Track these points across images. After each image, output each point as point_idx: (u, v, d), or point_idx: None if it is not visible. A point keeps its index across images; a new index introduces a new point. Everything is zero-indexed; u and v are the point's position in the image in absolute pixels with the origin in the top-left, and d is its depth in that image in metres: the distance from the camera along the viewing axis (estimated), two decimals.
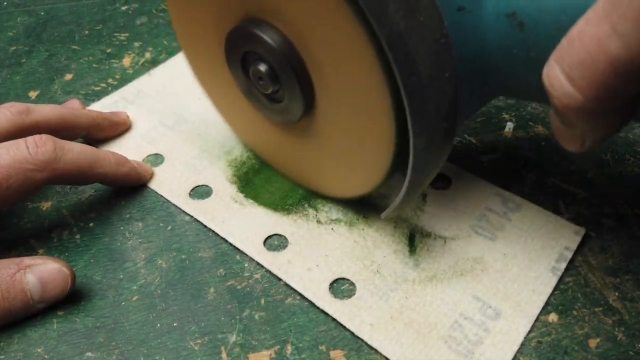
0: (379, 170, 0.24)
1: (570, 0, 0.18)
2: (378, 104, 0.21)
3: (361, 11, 0.19)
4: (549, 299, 0.25)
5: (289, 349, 0.24)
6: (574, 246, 0.27)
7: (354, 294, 0.25)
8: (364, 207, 0.29)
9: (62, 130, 0.30)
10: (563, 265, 0.26)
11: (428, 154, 0.21)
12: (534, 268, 0.26)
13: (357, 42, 0.20)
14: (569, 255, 0.26)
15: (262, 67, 0.24)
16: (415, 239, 0.28)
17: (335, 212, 0.29)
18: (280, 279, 0.26)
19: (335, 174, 0.27)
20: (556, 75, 0.16)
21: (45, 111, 0.30)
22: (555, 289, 0.25)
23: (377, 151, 0.23)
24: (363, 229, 0.28)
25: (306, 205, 0.29)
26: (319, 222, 0.29)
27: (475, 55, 0.22)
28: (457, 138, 0.33)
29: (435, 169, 0.22)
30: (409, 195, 0.23)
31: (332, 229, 0.28)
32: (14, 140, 0.26)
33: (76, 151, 0.27)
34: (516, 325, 0.24)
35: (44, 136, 0.26)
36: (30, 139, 0.26)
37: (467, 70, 0.21)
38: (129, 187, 0.31)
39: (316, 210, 0.29)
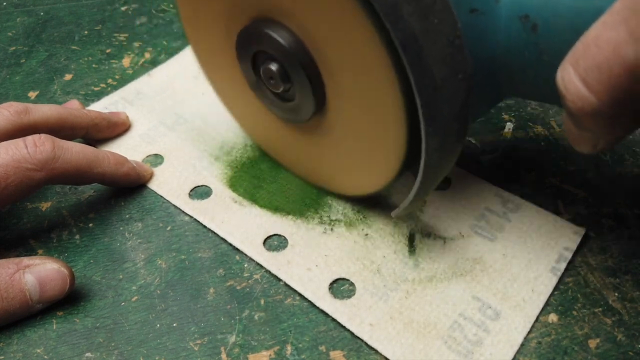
0: (389, 169, 0.24)
1: (585, 3, 0.18)
2: (390, 104, 0.21)
3: (374, 13, 0.19)
4: (548, 299, 0.25)
5: (289, 349, 0.24)
6: (574, 246, 0.27)
7: (354, 294, 0.25)
8: (363, 207, 0.29)
9: (61, 130, 0.30)
10: (563, 266, 0.26)
11: (440, 154, 0.21)
12: (533, 268, 0.26)
13: (369, 44, 0.20)
14: (569, 255, 0.26)
15: (273, 67, 0.24)
16: (414, 240, 0.28)
17: (335, 213, 0.29)
18: (280, 280, 0.26)
19: (346, 172, 0.27)
20: (571, 78, 0.16)
21: (44, 111, 0.30)
22: (555, 289, 0.25)
23: (388, 150, 0.23)
24: (363, 229, 0.28)
25: (306, 205, 0.29)
26: (318, 222, 0.29)
27: (487, 57, 0.22)
28: None
29: (446, 169, 0.22)
30: (420, 194, 0.23)
31: (331, 229, 0.28)
32: (12, 140, 0.26)
33: (75, 151, 0.27)
34: (516, 326, 0.24)
35: (43, 136, 0.26)
36: (29, 138, 0.26)
37: (479, 71, 0.21)
38: (128, 188, 0.31)
39: (316, 210, 0.29)
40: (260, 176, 0.31)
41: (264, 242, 0.28)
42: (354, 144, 0.25)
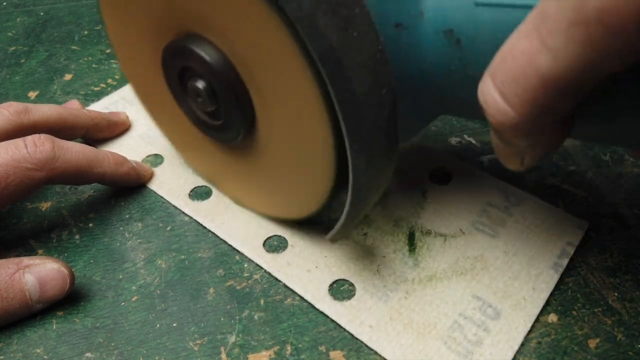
0: (321, 191, 0.24)
1: (506, 16, 0.18)
2: (316, 124, 0.21)
3: (293, 26, 0.18)
4: (549, 298, 0.25)
5: (289, 349, 0.24)
6: (577, 241, 0.27)
7: (354, 294, 0.25)
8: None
9: (61, 130, 0.30)
10: (565, 261, 0.26)
11: (368, 173, 0.20)
12: (535, 265, 0.26)
13: (291, 59, 0.19)
14: (572, 250, 0.26)
15: (200, 84, 0.23)
16: (415, 238, 0.28)
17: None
18: (279, 280, 0.26)
19: (278, 196, 0.27)
20: (489, 91, 0.15)
21: (44, 111, 0.30)
22: (555, 289, 0.25)
23: (319, 172, 0.23)
24: (362, 229, 0.28)
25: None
26: (318, 222, 0.28)
27: (413, 72, 0.21)
28: (457, 139, 0.33)
29: (378, 188, 0.22)
30: (352, 216, 0.22)
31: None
32: (12, 140, 0.26)
33: (75, 151, 0.27)
34: (516, 325, 0.24)
35: (43, 136, 0.26)
36: (29, 138, 0.26)
37: (405, 87, 0.21)
38: (128, 188, 0.31)
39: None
40: None
41: (264, 243, 0.28)
42: (285, 166, 0.24)
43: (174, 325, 0.25)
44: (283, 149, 0.24)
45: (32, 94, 0.38)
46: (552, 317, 0.25)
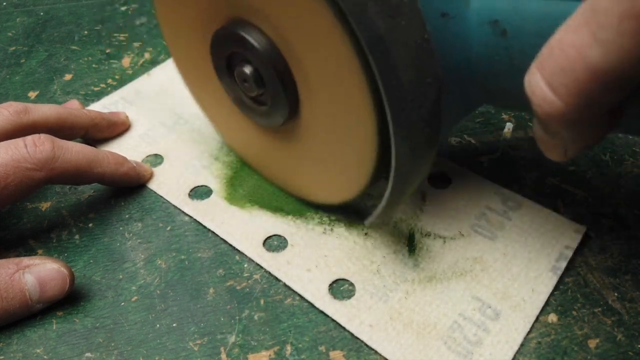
0: (362, 176, 0.24)
1: (552, 8, 0.18)
2: (361, 110, 0.21)
3: (342, 13, 0.19)
4: (548, 299, 0.25)
5: (289, 349, 0.24)
6: (575, 245, 0.27)
7: (354, 294, 0.25)
8: (363, 208, 0.29)
9: (61, 130, 0.30)
10: (563, 264, 0.26)
11: (410, 160, 0.20)
12: (533, 267, 0.26)
13: (338, 46, 0.20)
14: (570, 254, 0.26)
15: (247, 69, 0.24)
16: (414, 239, 0.28)
17: (334, 213, 0.29)
18: (279, 280, 0.26)
19: (318, 180, 0.27)
20: (537, 82, 0.16)
21: (44, 111, 0.30)
22: (554, 289, 0.25)
23: (360, 157, 0.23)
24: (362, 229, 0.28)
25: (306, 205, 0.29)
26: (318, 222, 0.29)
27: (459, 62, 0.21)
28: (457, 139, 0.33)
29: (418, 175, 0.22)
30: (392, 202, 0.22)
31: (331, 229, 0.28)
32: (12, 140, 0.26)
33: (75, 151, 0.27)
34: (516, 326, 0.24)
35: (43, 135, 0.26)
36: (28, 138, 0.26)
37: (450, 76, 0.21)
38: (128, 188, 0.31)
39: (316, 210, 0.29)
40: (260, 176, 0.31)
41: (264, 242, 0.28)
42: (326, 151, 0.25)
43: (174, 325, 0.25)
44: (325, 134, 0.24)
45: (32, 94, 0.38)
46: (552, 317, 0.25)
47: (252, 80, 0.24)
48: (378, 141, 0.22)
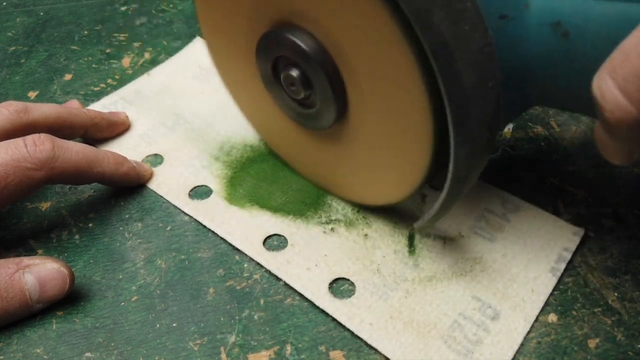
0: (413, 179, 0.24)
1: (618, 10, 0.18)
2: (416, 113, 0.21)
3: (403, 19, 0.19)
4: (548, 299, 0.25)
5: (289, 349, 0.24)
6: (573, 247, 0.27)
7: (354, 293, 0.25)
8: (363, 207, 0.29)
9: (61, 130, 0.30)
10: (562, 266, 0.26)
11: (469, 163, 0.20)
12: (533, 268, 0.26)
13: (397, 50, 0.20)
14: (568, 256, 0.26)
15: (294, 73, 0.24)
16: (414, 240, 0.28)
17: (335, 213, 0.29)
18: (279, 279, 0.26)
19: (366, 182, 0.27)
20: (609, 87, 0.15)
21: (44, 110, 0.30)
22: (554, 289, 0.25)
23: (412, 161, 0.23)
24: (362, 229, 0.28)
25: (306, 205, 0.29)
26: (318, 222, 0.29)
27: (517, 64, 0.21)
28: None
29: (473, 179, 0.22)
30: (446, 206, 0.22)
31: (331, 229, 0.28)
32: (12, 139, 0.26)
33: (75, 150, 0.27)
34: (516, 325, 0.24)
35: (43, 135, 0.26)
36: (28, 138, 0.26)
37: (508, 79, 0.21)
38: (128, 188, 0.31)
39: (316, 210, 0.29)
40: (260, 176, 0.31)
41: (264, 241, 0.28)
42: (376, 153, 0.25)
43: (174, 325, 0.25)
44: (376, 136, 0.24)
45: (32, 94, 0.38)
46: (552, 317, 0.25)
47: (300, 83, 0.24)
48: (434, 145, 0.22)
